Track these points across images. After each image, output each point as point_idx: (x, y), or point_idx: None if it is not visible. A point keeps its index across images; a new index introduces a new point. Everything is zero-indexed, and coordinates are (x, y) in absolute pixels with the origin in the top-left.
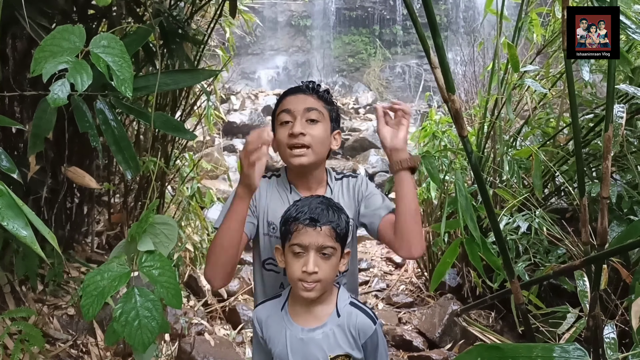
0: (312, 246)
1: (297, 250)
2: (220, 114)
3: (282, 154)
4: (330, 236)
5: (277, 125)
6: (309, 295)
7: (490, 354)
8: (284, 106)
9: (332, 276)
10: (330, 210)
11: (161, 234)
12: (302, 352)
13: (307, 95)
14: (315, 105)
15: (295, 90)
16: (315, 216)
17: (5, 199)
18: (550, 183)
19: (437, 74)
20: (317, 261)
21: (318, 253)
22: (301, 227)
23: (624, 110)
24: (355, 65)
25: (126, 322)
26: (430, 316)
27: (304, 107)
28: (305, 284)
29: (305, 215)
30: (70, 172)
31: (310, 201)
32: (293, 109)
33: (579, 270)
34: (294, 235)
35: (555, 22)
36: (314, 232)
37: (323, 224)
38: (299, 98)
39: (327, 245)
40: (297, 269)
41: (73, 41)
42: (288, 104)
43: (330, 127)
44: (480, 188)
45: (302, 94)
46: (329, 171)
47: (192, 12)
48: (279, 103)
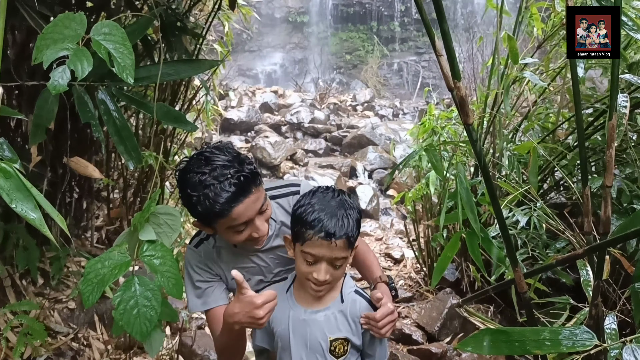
0: (325, 258)
1: (309, 259)
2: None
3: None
4: (344, 247)
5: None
6: (317, 295)
7: (497, 338)
8: (309, 248)
9: (341, 277)
10: (346, 219)
11: (164, 224)
12: (303, 332)
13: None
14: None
15: (324, 234)
16: (331, 230)
17: (13, 180)
18: (549, 178)
19: (442, 62)
20: (329, 269)
21: (330, 264)
22: (316, 238)
23: (627, 100)
24: (353, 62)
25: (125, 310)
26: (429, 310)
27: (332, 256)
28: (314, 285)
29: (321, 227)
30: (72, 162)
31: (326, 205)
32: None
33: (581, 260)
34: (307, 244)
35: (556, 17)
36: (328, 245)
37: (338, 238)
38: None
39: (340, 257)
40: (306, 272)
41: (74, 28)
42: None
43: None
44: (484, 175)
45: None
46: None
47: (191, 5)
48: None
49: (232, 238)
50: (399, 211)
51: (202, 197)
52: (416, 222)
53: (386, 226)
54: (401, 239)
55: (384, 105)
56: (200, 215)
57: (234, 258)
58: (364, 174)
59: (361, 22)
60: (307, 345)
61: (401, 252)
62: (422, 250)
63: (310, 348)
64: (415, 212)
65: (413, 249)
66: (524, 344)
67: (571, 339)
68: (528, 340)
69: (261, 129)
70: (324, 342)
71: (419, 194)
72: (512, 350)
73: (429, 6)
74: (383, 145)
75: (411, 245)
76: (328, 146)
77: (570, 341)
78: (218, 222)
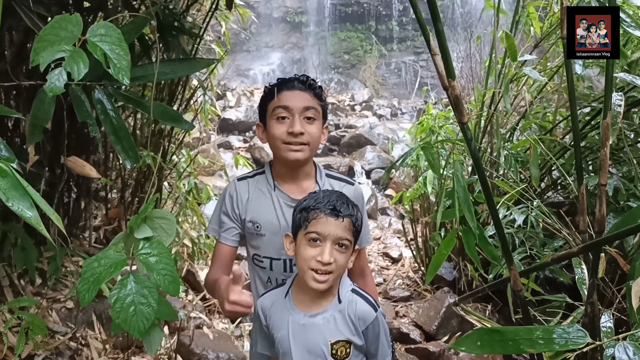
0: (330, 236)
1: (314, 237)
2: (217, 109)
3: (275, 147)
4: (349, 229)
5: (271, 119)
6: (319, 287)
7: (490, 337)
8: (281, 102)
9: (344, 269)
10: (350, 204)
11: (159, 228)
12: (303, 337)
13: (304, 92)
14: (313, 103)
15: (291, 85)
16: (338, 207)
17: (9, 179)
18: (547, 177)
19: (437, 61)
20: (333, 252)
21: (335, 244)
22: (322, 215)
23: (622, 99)
24: (351, 62)
25: (121, 308)
26: (427, 309)
27: (302, 105)
28: (318, 274)
29: (327, 205)
30: (70, 162)
31: (330, 193)
32: (291, 106)
33: (577, 259)
34: (312, 224)
35: (553, 15)
36: (334, 222)
37: (345, 216)
38: (295, 95)
39: (345, 237)
40: (310, 257)
41: (70, 30)
42: (286, 100)
43: (322, 123)
44: (479, 174)
45: (299, 90)
46: (318, 166)
47: (188, 5)
48: (272, 95)
49: (274, 128)
50: (397, 211)
51: (270, 84)
52: (414, 221)
53: (384, 226)
54: (399, 238)
55: (382, 105)
56: (261, 101)
57: (261, 195)
58: (362, 174)
59: (359, 21)
60: (308, 351)
61: (399, 252)
62: (420, 249)
63: (312, 353)
64: (413, 211)
65: (411, 249)
66: (517, 342)
67: (564, 337)
68: (521, 339)
69: None
70: (325, 347)
71: (416, 194)
72: (506, 349)
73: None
74: (381, 145)
75: (409, 244)
76: (326, 146)
77: (563, 339)
78: (269, 104)
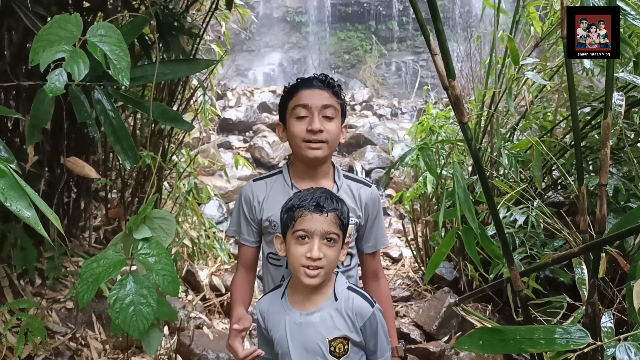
0: (317, 232)
1: (301, 234)
2: (216, 109)
3: (295, 146)
4: (335, 223)
5: (291, 118)
6: (312, 282)
7: (492, 337)
8: (301, 100)
9: (335, 264)
10: (334, 199)
11: (159, 229)
12: (300, 336)
13: (323, 90)
14: (331, 102)
15: (310, 84)
16: (322, 203)
17: (7, 179)
18: (547, 176)
19: (437, 61)
20: (322, 247)
21: (322, 239)
22: (307, 213)
23: (622, 98)
24: (351, 61)
25: (121, 308)
26: (427, 309)
27: (321, 103)
28: (309, 270)
29: (310, 202)
30: (69, 162)
31: (313, 191)
32: (310, 104)
33: (577, 259)
34: (298, 222)
35: (553, 15)
36: (319, 217)
37: (329, 211)
38: (315, 93)
39: (332, 232)
40: (300, 255)
41: (70, 30)
42: (305, 98)
43: (341, 121)
44: (479, 174)
45: (318, 89)
46: (336, 167)
47: (188, 4)
48: (292, 94)
49: (293, 127)
50: (398, 211)
51: (289, 83)
52: (414, 221)
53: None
54: (399, 238)
55: (382, 105)
56: (281, 101)
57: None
58: (362, 174)
59: (359, 21)
60: (306, 349)
61: (399, 252)
62: (420, 249)
63: (310, 351)
64: (414, 211)
65: (411, 249)
66: (518, 342)
67: (565, 337)
68: (522, 338)
69: (259, 128)
70: (323, 344)
71: (417, 194)
72: (507, 348)
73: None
74: (381, 145)
75: (409, 244)
76: None
77: (565, 339)
78: (289, 103)
